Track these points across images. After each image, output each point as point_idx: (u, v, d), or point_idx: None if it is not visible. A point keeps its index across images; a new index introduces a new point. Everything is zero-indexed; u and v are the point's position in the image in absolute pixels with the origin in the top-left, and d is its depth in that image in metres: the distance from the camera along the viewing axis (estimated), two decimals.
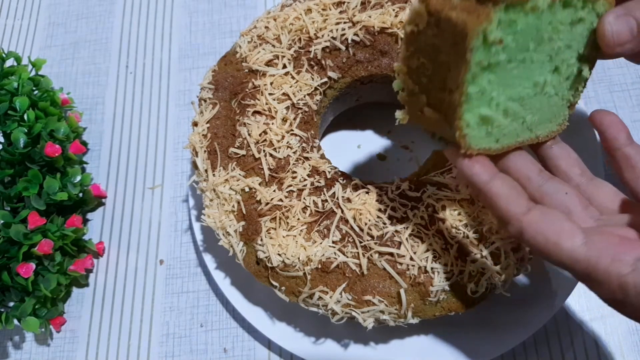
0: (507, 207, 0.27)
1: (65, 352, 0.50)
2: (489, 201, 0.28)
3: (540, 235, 0.26)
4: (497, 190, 0.27)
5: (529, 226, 0.26)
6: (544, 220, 0.26)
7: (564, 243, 0.25)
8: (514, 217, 0.27)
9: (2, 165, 0.50)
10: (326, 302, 0.38)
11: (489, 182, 0.28)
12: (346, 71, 0.46)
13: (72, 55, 0.65)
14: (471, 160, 0.29)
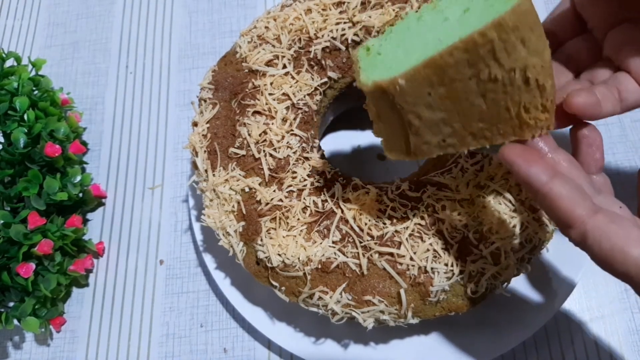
0: (571, 208, 0.25)
1: (65, 352, 0.50)
2: (548, 203, 0.26)
3: (606, 241, 0.24)
4: (559, 190, 0.25)
5: (594, 230, 0.24)
6: (611, 225, 0.24)
7: (632, 250, 0.24)
8: (578, 220, 0.25)
9: (2, 165, 0.50)
10: (326, 302, 0.38)
11: (549, 182, 0.26)
12: (346, 71, 0.46)
13: (72, 55, 0.65)
14: (528, 160, 0.26)
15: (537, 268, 0.44)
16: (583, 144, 0.30)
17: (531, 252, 0.39)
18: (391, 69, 0.29)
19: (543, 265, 0.44)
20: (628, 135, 0.53)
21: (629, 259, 0.24)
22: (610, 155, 0.52)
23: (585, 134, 0.30)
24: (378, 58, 0.32)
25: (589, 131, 0.30)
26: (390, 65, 0.30)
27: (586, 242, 0.25)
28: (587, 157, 0.30)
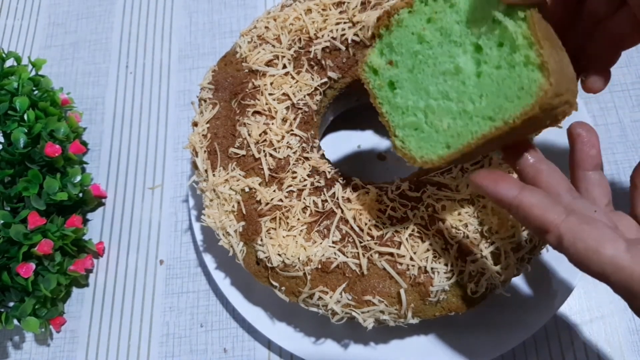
0: (544, 214, 0.26)
1: (65, 352, 0.50)
2: (522, 213, 0.27)
3: (580, 242, 0.25)
4: (529, 200, 0.26)
5: (568, 232, 0.25)
6: (584, 226, 0.25)
7: (606, 249, 0.24)
8: (552, 224, 0.25)
9: (2, 165, 0.50)
10: (326, 302, 0.38)
11: (518, 194, 0.27)
12: (346, 71, 0.46)
13: (72, 55, 0.65)
14: (494, 180, 0.28)
15: (537, 268, 0.44)
16: (578, 142, 0.31)
17: (531, 252, 0.39)
18: (426, 139, 0.31)
19: (543, 265, 0.44)
20: (628, 135, 0.53)
21: (603, 258, 0.24)
22: (610, 155, 0.52)
23: (580, 133, 0.30)
24: (403, 107, 0.32)
25: (585, 130, 0.30)
26: (418, 126, 0.31)
27: (562, 244, 0.25)
28: (582, 154, 0.30)
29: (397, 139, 0.32)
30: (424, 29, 0.30)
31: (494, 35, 0.28)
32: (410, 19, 0.30)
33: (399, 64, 0.31)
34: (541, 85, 0.25)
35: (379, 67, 0.32)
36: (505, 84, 0.27)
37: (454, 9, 0.29)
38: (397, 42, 0.31)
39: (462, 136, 0.29)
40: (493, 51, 0.28)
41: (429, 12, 0.30)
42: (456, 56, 0.29)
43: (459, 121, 0.29)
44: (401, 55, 0.31)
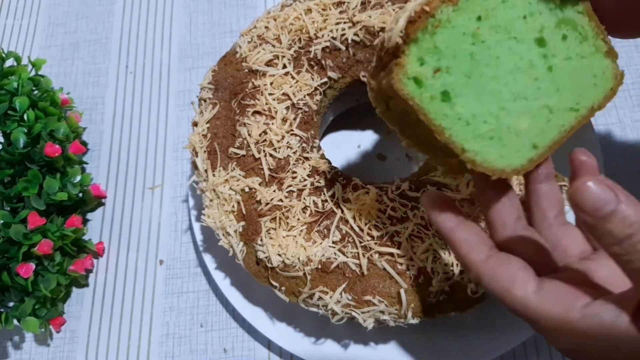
0: (468, 254, 0.28)
1: (65, 352, 0.50)
2: (451, 247, 0.29)
3: (495, 282, 0.27)
4: (460, 236, 0.29)
5: (485, 273, 0.27)
6: (499, 268, 0.27)
7: (516, 291, 0.26)
8: (473, 264, 0.28)
9: (2, 165, 0.50)
10: (326, 302, 0.38)
11: (454, 228, 0.29)
12: (346, 71, 0.46)
13: (72, 55, 0.65)
14: (441, 207, 0.30)
15: None
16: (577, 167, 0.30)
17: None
18: (508, 146, 0.28)
19: None
20: (628, 135, 0.53)
21: (514, 297, 0.26)
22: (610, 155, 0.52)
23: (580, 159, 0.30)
24: (462, 114, 0.27)
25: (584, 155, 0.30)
26: (486, 131, 0.27)
27: (481, 282, 0.28)
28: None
29: (469, 154, 0.27)
30: (478, 29, 0.26)
31: (557, 28, 0.27)
32: (458, 18, 0.26)
33: (451, 70, 0.26)
34: (614, 70, 0.28)
35: (424, 77, 0.26)
36: (579, 74, 0.28)
37: (508, 4, 0.27)
38: (445, 45, 0.26)
39: (548, 132, 0.28)
40: (558, 44, 0.28)
41: (478, 9, 0.26)
42: (521, 53, 0.27)
43: (539, 118, 0.28)
44: (453, 60, 0.26)
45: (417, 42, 0.26)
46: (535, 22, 0.27)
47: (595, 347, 0.24)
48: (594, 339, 0.24)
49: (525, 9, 0.27)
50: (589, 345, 0.25)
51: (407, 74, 0.26)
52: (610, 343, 0.24)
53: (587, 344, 0.25)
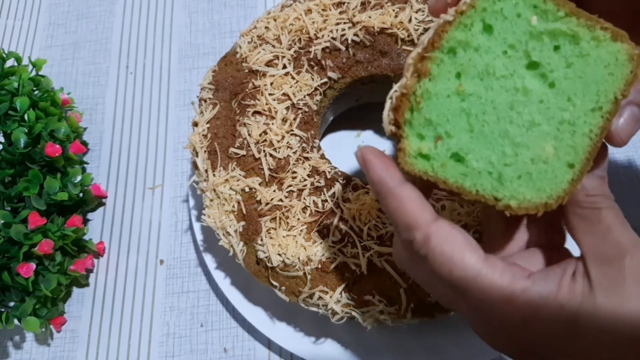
0: (418, 211, 0.26)
1: (65, 352, 0.50)
2: (397, 204, 0.26)
3: (448, 244, 0.25)
4: (409, 194, 0.26)
5: (438, 232, 0.25)
6: (453, 230, 0.26)
7: (469, 256, 0.25)
8: (424, 222, 0.26)
9: (3, 165, 0.50)
10: (326, 302, 0.38)
11: (400, 185, 0.26)
12: (346, 71, 0.46)
13: (72, 55, 0.65)
14: (385, 163, 0.27)
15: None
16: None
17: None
18: (542, 177, 0.26)
19: None
20: None
21: (467, 263, 0.25)
22: (610, 155, 0.52)
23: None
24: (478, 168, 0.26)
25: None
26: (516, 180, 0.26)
27: (429, 244, 0.25)
28: None
29: (503, 201, 0.26)
30: (460, 85, 0.26)
31: (544, 45, 0.26)
32: (437, 85, 0.26)
33: (451, 132, 0.26)
34: (627, 50, 0.26)
35: (428, 150, 0.26)
36: (588, 72, 0.26)
37: (482, 50, 0.26)
38: (435, 114, 0.26)
39: (578, 145, 0.26)
40: (553, 58, 0.26)
41: (453, 68, 0.26)
42: (515, 85, 0.26)
43: (563, 136, 0.26)
44: (448, 123, 0.26)
45: (410, 123, 0.27)
46: (518, 52, 0.26)
47: (534, 323, 0.24)
48: (533, 312, 0.24)
49: (502, 45, 0.26)
50: (527, 320, 0.24)
51: (411, 154, 0.26)
52: (547, 315, 0.24)
53: (525, 318, 0.24)
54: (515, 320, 0.25)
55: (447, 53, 0.26)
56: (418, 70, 0.26)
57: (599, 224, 0.25)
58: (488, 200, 0.26)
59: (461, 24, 0.26)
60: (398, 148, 0.26)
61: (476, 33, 0.26)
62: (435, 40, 0.26)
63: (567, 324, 0.24)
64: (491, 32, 0.26)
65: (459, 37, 0.26)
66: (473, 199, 0.26)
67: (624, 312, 0.23)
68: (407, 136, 0.27)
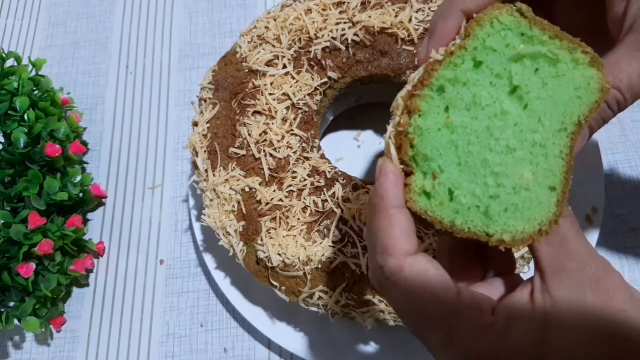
0: (400, 238, 0.25)
1: (65, 352, 0.50)
2: (385, 224, 0.26)
3: (422, 277, 0.25)
4: (401, 219, 0.26)
5: (414, 265, 0.25)
6: (429, 264, 0.25)
7: (442, 291, 0.25)
8: (400, 252, 0.25)
9: (2, 165, 0.50)
10: (326, 302, 0.38)
11: (398, 207, 0.26)
12: (346, 71, 0.46)
13: (72, 55, 0.65)
14: (397, 181, 0.26)
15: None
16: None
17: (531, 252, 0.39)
18: (527, 205, 0.26)
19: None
20: (628, 135, 0.53)
21: (439, 297, 0.25)
22: (610, 155, 0.52)
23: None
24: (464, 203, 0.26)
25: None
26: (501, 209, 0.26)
27: (400, 274, 0.25)
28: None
29: (496, 235, 0.26)
30: (448, 118, 0.26)
31: (525, 67, 0.26)
32: (427, 120, 0.26)
33: (443, 167, 0.26)
34: (600, 79, 0.26)
35: (430, 188, 0.26)
36: (558, 92, 0.26)
37: (469, 84, 0.26)
38: (429, 149, 0.26)
39: (553, 167, 0.26)
40: (531, 80, 0.26)
41: (442, 102, 0.26)
42: (495, 111, 0.26)
43: (538, 159, 0.26)
44: (441, 157, 0.26)
45: (415, 160, 0.27)
46: (503, 79, 0.26)
47: (506, 355, 0.25)
48: (503, 345, 0.24)
49: (489, 77, 0.26)
50: (500, 353, 0.25)
51: (416, 190, 0.26)
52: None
53: (497, 352, 0.25)
54: (487, 354, 0.25)
55: (436, 90, 0.26)
56: (408, 107, 0.26)
57: (556, 234, 0.25)
58: (480, 237, 0.26)
59: (451, 63, 0.26)
60: (405, 183, 0.26)
61: (465, 70, 0.26)
62: (424, 78, 0.26)
63: (536, 346, 0.24)
64: (480, 66, 0.27)
65: (449, 76, 0.26)
66: (466, 236, 0.26)
67: (588, 325, 0.24)
68: (416, 172, 0.27)
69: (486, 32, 0.26)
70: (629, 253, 0.48)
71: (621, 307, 0.24)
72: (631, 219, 0.49)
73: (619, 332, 0.23)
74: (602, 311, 0.23)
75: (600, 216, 0.45)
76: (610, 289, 0.24)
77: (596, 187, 0.46)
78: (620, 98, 0.27)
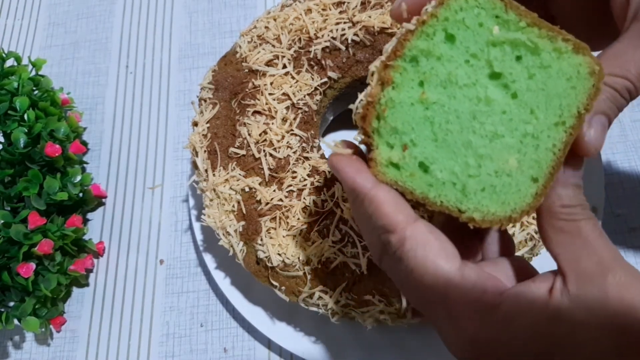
0: (394, 213, 0.25)
1: (65, 352, 0.50)
2: (373, 208, 0.26)
3: (422, 249, 0.24)
4: (384, 196, 0.26)
5: (413, 236, 0.25)
6: (429, 235, 0.25)
7: (443, 263, 0.24)
8: (399, 225, 0.25)
9: (2, 165, 0.50)
10: (326, 302, 0.38)
11: (373, 188, 0.26)
12: (346, 71, 0.46)
13: (72, 55, 0.65)
14: (356, 168, 0.26)
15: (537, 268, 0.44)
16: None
17: (531, 252, 0.39)
18: (505, 190, 0.26)
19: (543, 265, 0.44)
20: (628, 135, 0.53)
21: (439, 270, 0.24)
22: (610, 155, 0.52)
23: None
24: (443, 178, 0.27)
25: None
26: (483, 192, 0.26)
27: (403, 247, 0.25)
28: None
29: (468, 212, 0.26)
30: (423, 93, 0.26)
31: (505, 55, 0.26)
32: (401, 93, 0.26)
33: (416, 140, 0.27)
34: (588, 63, 0.25)
35: (397, 158, 0.27)
36: (550, 85, 0.26)
37: (444, 59, 0.26)
38: (400, 122, 0.26)
39: (542, 159, 0.26)
40: (515, 68, 0.26)
41: (416, 77, 0.26)
42: (478, 95, 0.26)
43: (527, 149, 0.26)
44: (413, 132, 0.27)
45: (379, 132, 0.27)
46: (480, 61, 0.26)
47: (510, 343, 0.24)
48: (506, 331, 0.24)
49: (464, 54, 0.26)
50: (501, 337, 0.24)
51: (383, 162, 0.27)
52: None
53: (498, 334, 0.24)
54: (489, 336, 0.24)
55: (409, 62, 0.26)
56: (381, 79, 0.26)
57: (578, 237, 0.24)
58: (452, 211, 0.26)
59: (423, 33, 0.26)
60: (369, 157, 0.26)
61: (438, 42, 0.26)
62: (397, 48, 0.26)
63: (545, 342, 0.24)
64: (453, 41, 0.26)
65: (421, 46, 0.26)
66: (438, 209, 0.26)
67: (604, 322, 0.23)
68: (378, 145, 0.27)
69: (459, 4, 0.26)
70: (629, 253, 0.48)
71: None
72: (631, 219, 0.49)
73: (635, 328, 0.22)
74: (623, 313, 0.22)
75: (600, 216, 0.45)
76: (636, 296, 0.23)
77: (596, 187, 0.46)
78: (631, 87, 0.27)
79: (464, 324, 0.25)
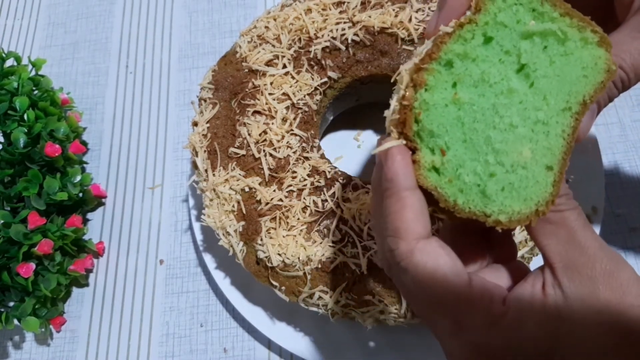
0: (413, 221, 0.24)
1: (65, 352, 0.50)
2: (396, 208, 0.25)
3: (433, 261, 0.24)
4: (413, 201, 0.24)
5: (425, 248, 0.24)
6: (441, 250, 0.24)
7: (454, 278, 0.24)
8: (412, 235, 0.24)
9: (2, 165, 0.50)
10: (326, 302, 0.38)
11: (410, 189, 0.25)
12: (346, 71, 0.46)
13: (72, 55, 0.65)
14: (407, 163, 0.25)
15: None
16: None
17: (531, 252, 0.39)
18: (524, 185, 0.26)
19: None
20: (628, 135, 0.53)
21: (450, 285, 0.24)
22: (610, 155, 0.52)
23: None
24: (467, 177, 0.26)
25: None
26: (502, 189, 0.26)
27: (412, 258, 0.24)
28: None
29: (493, 215, 0.25)
30: (456, 94, 0.26)
31: (535, 46, 0.26)
32: (434, 95, 0.26)
33: (449, 143, 0.26)
34: (608, 60, 0.26)
35: (440, 164, 0.26)
36: (565, 71, 0.26)
37: (478, 61, 0.26)
38: (436, 125, 0.25)
39: (554, 146, 0.26)
40: (539, 57, 0.26)
41: (450, 78, 0.26)
42: (502, 89, 0.26)
43: (538, 137, 0.26)
44: (447, 134, 0.26)
45: (419, 135, 0.26)
46: (512, 56, 0.26)
47: (515, 347, 0.24)
48: (513, 336, 0.24)
49: (499, 53, 0.26)
50: (509, 343, 0.24)
51: (426, 166, 0.25)
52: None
53: (506, 341, 0.24)
54: (497, 345, 0.25)
55: (444, 65, 0.26)
56: (414, 81, 0.25)
57: (563, 227, 0.25)
58: (479, 217, 0.25)
59: (460, 37, 0.26)
60: (413, 160, 0.25)
61: (475, 46, 0.26)
62: (433, 52, 0.26)
63: (549, 340, 0.24)
64: (490, 42, 0.26)
65: (458, 50, 0.26)
66: (465, 216, 0.25)
67: (602, 319, 0.23)
68: (422, 148, 0.26)
69: (498, 6, 0.26)
70: (629, 253, 0.48)
71: (634, 302, 0.23)
72: (631, 219, 0.49)
73: (632, 327, 0.23)
74: (615, 307, 0.23)
75: (600, 216, 0.45)
76: (623, 282, 0.23)
77: (596, 187, 0.46)
78: (625, 77, 0.27)
79: (473, 336, 0.25)
